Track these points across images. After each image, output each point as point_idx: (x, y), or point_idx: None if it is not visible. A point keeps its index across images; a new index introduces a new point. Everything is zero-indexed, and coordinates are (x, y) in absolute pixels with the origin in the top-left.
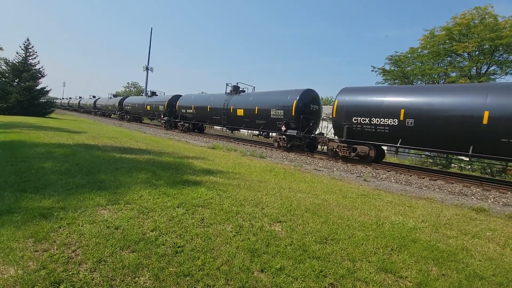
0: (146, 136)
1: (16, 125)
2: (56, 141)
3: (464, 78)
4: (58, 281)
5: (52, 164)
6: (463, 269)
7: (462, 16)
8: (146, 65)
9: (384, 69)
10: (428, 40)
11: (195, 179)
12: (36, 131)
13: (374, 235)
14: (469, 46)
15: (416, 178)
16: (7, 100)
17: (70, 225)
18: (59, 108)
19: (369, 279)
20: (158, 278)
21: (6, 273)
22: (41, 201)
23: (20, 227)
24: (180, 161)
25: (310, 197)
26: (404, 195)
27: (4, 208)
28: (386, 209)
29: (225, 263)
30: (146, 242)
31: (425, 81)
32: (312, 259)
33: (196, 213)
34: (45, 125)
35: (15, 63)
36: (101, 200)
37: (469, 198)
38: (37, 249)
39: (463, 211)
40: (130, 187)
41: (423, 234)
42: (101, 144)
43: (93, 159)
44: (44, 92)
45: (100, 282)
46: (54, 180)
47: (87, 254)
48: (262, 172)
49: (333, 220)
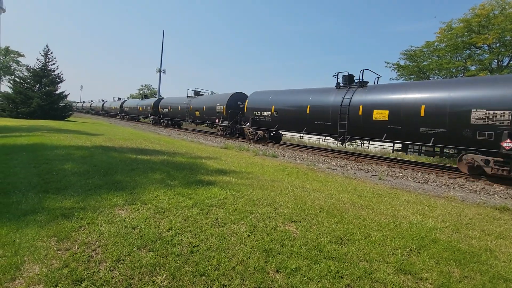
0: (160, 137)
1: (37, 129)
2: (75, 144)
3: (485, 71)
4: (80, 279)
5: (72, 166)
6: (487, 271)
7: (481, 7)
8: (159, 67)
9: (399, 65)
10: (445, 33)
11: (209, 179)
12: (56, 134)
13: (391, 235)
14: (490, 38)
15: (434, 176)
16: (29, 105)
17: (90, 224)
18: (80, 112)
19: (387, 280)
20: (175, 277)
21: (31, 271)
22: (62, 201)
23: (43, 226)
24: (193, 161)
25: (324, 197)
26: (422, 194)
27: (28, 208)
28: (404, 209)
29: (240, 263)
30: (162, 242)
31: (443, 75)
32: (327, 259)
33: (210, 213)
34: (64, 128)
35: (35, 69)
36: (119, 200)
37: (491, 196)
38: (60, 248)
39: (485, 210)
40: (146, 187)
41: (443, 235)
42: (117, 145)
43: (110, 161)
44: (63, 96)
45: (120, 281)
46: (74, 181)
47: (106, 253)
48: (274, 172)
49: (349, 220)
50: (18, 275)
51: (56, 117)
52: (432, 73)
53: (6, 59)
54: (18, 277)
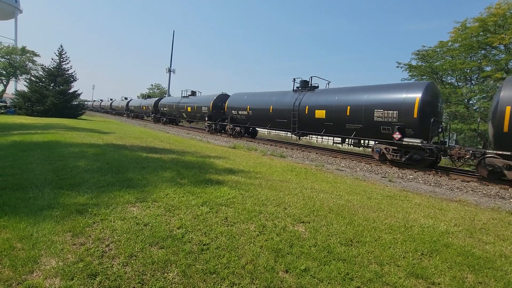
0: (170, 136)
1: (52, 127)
2: (87, 141)
3: (500, 72)
4: (95, 274)
5: (85, 163)
6: (501, 277)
7: (497, 6)
8: (169, 67)
9: (411, 65)
10: (460, 32)
11: (218, 178)
12: (70, 132)
13: (402, 238)
14: (506, 37)
15: (447, 179)
16: (44, 103)
17: (103, 221)
18: (91, 110)
19: (398, 284)
20: (185, 274)
21: (48, 264)
22: (77, 197)
23: (59, 221)
24: (202, 160)
25: (333, 198)
26: (434, 197)
27: (45, 203)
28: (415, 212)
29: (249, 262)
30: (173, 239)
31: (456, 76)
32: (337, 261)
33: (219, 212)
34: (77, 126)
35: (50, 69)
36: (130, 197)
37: (507, 201)
38: (75, 243)
39: (500, 215)
40: (157, 185)
41: (456, 239)
42: (128, 144)
43: (121, 158)
44: (76, 95)
45: (132, 276)
46: (87, 178)
47: (119, 249)
48: (283, 172)
49: (358, 221)
50: (36, 268)
51: (69, 115)
52: (445, 74)
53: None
54: (36, 270)
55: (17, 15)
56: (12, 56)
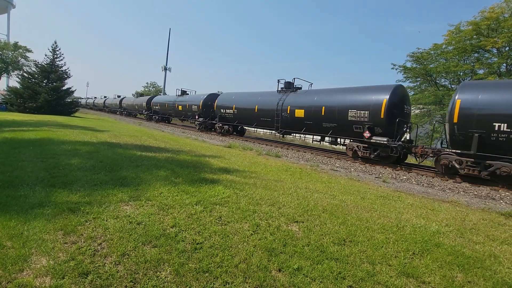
0: (165, 135)
1: (45, 124)
2: (81, 139)
3: (493, 75)
4: (86, 272)
5: (78, 161)
6: (490, 277)
7: (491, 9)
8: (165, 65)
9: (405, 67)
10: (454, 35)
11: (212, 178)
12: (63, 129)
13: (394, 238)
14: (499, 41)
15: (439, 180)
16: (37, 100)
17: (95, 219)
18: (84, 108)
19: (389, 283)
20: (178, 273)
21: (39, 262)
22: (69, 196)
23: (50, 220)
24: (197, 159)
25: (327, 198)
26: (426, 197)
27: (36, 201)
28: (407, 212)
29: (243, 261)
30: (166, 238)
31: (450, 78)
32: (330, 260)
33: (214, 211)
34: (71, 123)
35: (43, 65)
36: (124, 196)
37: (497, 202)
38: (66, 241)
39: (490, 215)
40: (151, 184)
41: (447, 239)
42: (123, 142)
43: (115, 157)
44: (70, 92)
45: (124, 275)
46: (80, 176)
47: (111, 248)
48: (278, 172)
49: (351, 221)
50: (26, 267)
51: (62, 113)
52: (439, 76)
53: (15, 54)
54: (26, 268)
55: (10, 10)
56: (4, 52)
